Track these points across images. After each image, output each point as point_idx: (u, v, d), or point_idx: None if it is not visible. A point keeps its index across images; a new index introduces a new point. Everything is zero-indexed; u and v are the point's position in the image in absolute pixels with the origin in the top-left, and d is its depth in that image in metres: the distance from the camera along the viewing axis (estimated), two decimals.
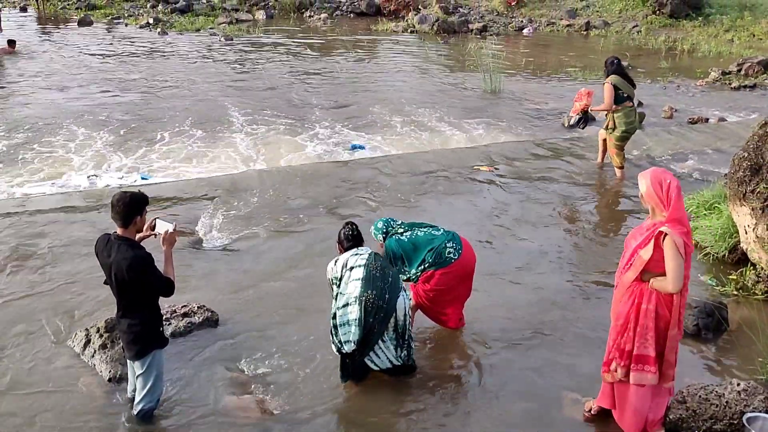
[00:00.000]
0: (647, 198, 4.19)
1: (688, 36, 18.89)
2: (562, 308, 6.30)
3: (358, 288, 4.76)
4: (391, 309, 4.84)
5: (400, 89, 14.26)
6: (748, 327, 5.74)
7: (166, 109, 12.71)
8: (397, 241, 5.40)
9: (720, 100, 13.30)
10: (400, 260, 5.39)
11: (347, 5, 23.21)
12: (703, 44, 17.91)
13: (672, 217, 4.08)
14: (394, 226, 5.52)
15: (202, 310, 6.02)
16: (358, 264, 4.82)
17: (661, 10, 20.67)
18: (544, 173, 9.71)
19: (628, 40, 19.24)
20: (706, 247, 7.14)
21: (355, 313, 4.76)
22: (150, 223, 4.43)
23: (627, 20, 20.83)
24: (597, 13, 21.66)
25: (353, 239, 4.99)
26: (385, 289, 4.81)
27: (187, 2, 22.72)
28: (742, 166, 6.66)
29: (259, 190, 8.95)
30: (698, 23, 20.09)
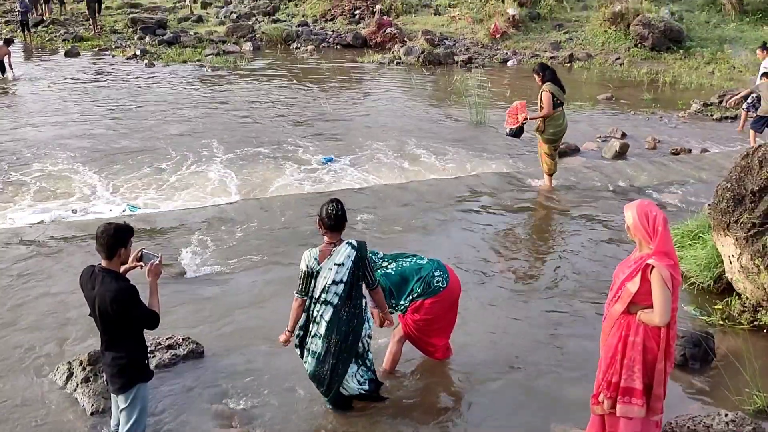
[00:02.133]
0: (634, 230, 4.21)
1: (670, 68, 19.17)
2: (550, 339, 6.29)
3: (323, 328, 4.78)
4: (355, 347, 4.89)
5: (386, 120, 14.34)
6: (734, 357, 5.74)
7: (150, 140, 12.70)
8: (384, 275, 5.32)
9: (702, 131, 13.47)
10: (388, 293, 5.31)
11: (334, 37, 23.40)
12: (685, 76, 18.18)
13: (659, 249, 4.10)
14: (376, 261, 5.44)
15: (187, 342, 5.96)
16: (332, 302, 4.74)
17: (642, 43, 20.98)
18: (528, 204, 9.76)
19: (611, 72, 19.50)
20: (691, 277, 7.16)
21: (317, 346, 4.83)
22: (136, 255, 4.39)
23: (610, 53, 21.13)
24: (580, 46, 21.95)
25: (336, 219, 4.76)
26: (350, 331, 4.83)
27: (174, 34, 22.83)
28: (726, 196, 6.73)
29: (243, 220, 8.93)
30: (679, 56, 20.41)
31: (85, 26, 24.46)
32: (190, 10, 26.94)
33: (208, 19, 26.09)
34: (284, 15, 26.42)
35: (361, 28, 23.88)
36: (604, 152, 12.17)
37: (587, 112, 15.06)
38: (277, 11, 26.74)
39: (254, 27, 24.02)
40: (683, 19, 22.25)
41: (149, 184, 10.64)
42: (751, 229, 6.46)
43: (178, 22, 25.26)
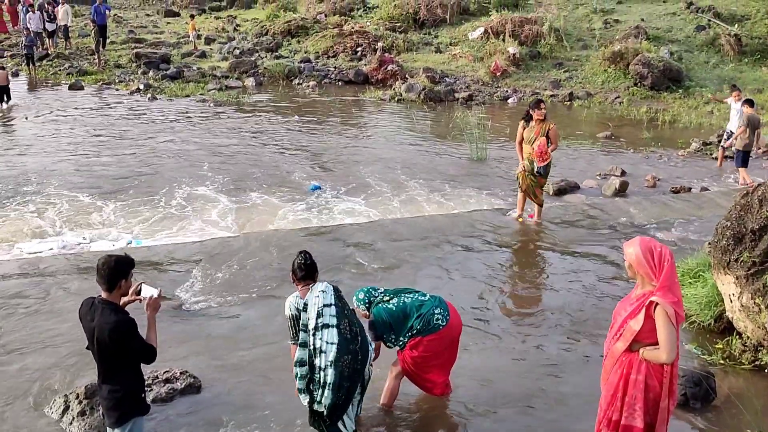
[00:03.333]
0: (636, 266, 4.18)
1: (669, 107, 19.32)
2: (549, 377, 6.25)
3: (333, 352, 4.67)
4: (365, 368, 4.84)
5: (386, 155, 14.40)
6: (736, 397, 5.71)
7: (152, 173, 12.74)
8: (385, 310, 5.32)
9: (702, 170, 13.53)
10: (389, 329, 5.31)
11: (336, 73, 23.59)
12: (684, 115, 18.30)
13: (663, 285, 4.08)
14: (377, 296, 5.45)
15: (185, 376, 5.93)
16: (330, 323, 4.70)
17: (642, 82, 21.16)
18: (528, 240, 9.77)
19: (610, 110, 19.64)
20: (691, 316, 7.14)
21: (330, 376, 4.69)
22: (135, 288, 4.39)
23: (609, 91, 21.30)
24: (580, 84, 22.14)
25: (306, 269, 4.84)
26: (358, 350, 4.77)
27: (177, 69, 23.02)
28: (726, 234, 6.73)
29: (242, 255, 8.92)
30: (678, 95, 20.57)
31: (90, 60, 24.68)
32: (194, 46, 27.19)
33: (212, 54, 26.33)
34: (287, 51, 26.67)
35: (363, 64, 24.10)
36: (603, 189, 12.21)
37: (587, 150, 15.13)
38: (280, 47, 27.00)
39: (257, 63, 24.23)
40: (682, 59, 22.46)
41: (149, 217, 10.65)
42: (751, 267, 6.46)
43: (181, 57, 25.48)
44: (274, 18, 30.19)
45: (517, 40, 23.92)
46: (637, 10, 26.78)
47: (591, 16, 26.66)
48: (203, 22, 33.33)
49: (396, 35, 26.37)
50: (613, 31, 24.76)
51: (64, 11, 25.68)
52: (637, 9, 26.87)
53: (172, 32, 30.91)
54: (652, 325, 4.09)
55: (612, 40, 23.38)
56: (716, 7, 25.40)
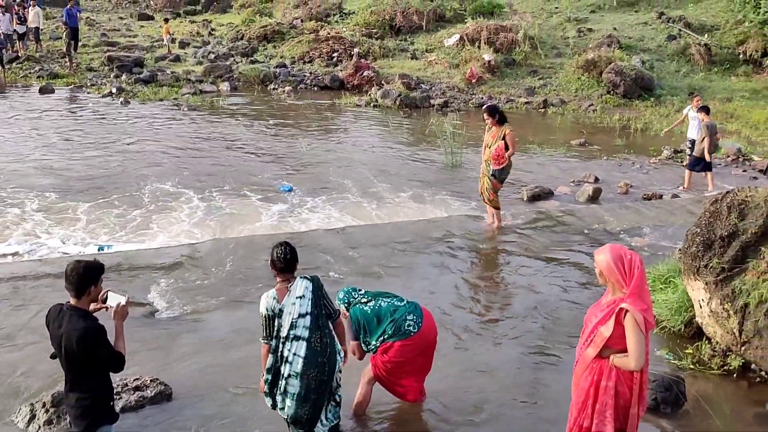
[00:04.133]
0: (607, 274, 4.20)
1: (641, 115, 19.52)
2: (522, 382, 6.27)
3: (300, 365, 4.66)
4: (332, 378, 4.81)
5: (362, 161, 14.39)
6: (705, 401, 5.77)
7: (122, 177, 12.60)
8: (360, 311, 5.34)
9: (673, 177, 13.69)
10: (363, 330, 5.33)
11: (311, 79, 23.54)
12: (656, 123, 18.50)
13: (633, 292, 4.10)
14: (356, 297, 5.46)
15: (155, 384, 5.86)
16: (302, 336, 4.67)
17: (615, 90, 21.39)
18: (502, 246, 9.80)
19: (584, 118, 19.80)
20: (662, 321, 7.21)
21: (295, 387, 4.69)
22: (102, 296, 4.33)
23: (583, 99, 21.49)
24: (554, 92, 22.32)
25: (286, 262, 4.77)
26: (325, 361, 4.75)
27: (151, 73, 22.83)
28: (696, 241, 6.81)
29: (215, 260, 8.85)
30: (650, 103, 20.81)
31: (61, 63, 24.37)
32: (168, 50, 26.99)
33: (186, 58, 26.15)
34: (262, 56, 26.58)
35: (339, 70, 24.07)
36: (577, 196, 12.30)
37: (561, 157, 15.24)
38: (255, 52, 26.91)
39: (232, 67, 24.11)
40: (654, 68, 22.75)
41: (120, 222, 10.53)
42: (720, 273, 6.54)
43: (155, 61, 25.28)
44: (250, 23, 30.09)
45: (492, 47, 24.07)
46: (609, 19, 27.11)
47: (565, 24, 26.94)
48: (178, 25, 33.11)
49: (372, 41, 26.42)
50: (586, 40, 25.03)
51: (34, 13, 25.32)
52: (609, 18, 27.20)
53: (146, 36, 30.66)
54: (622, 332, 4.11)
55: (585, 49, 23.62)
56: (686, 17, 25.80)
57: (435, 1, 27.92)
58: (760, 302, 6.21)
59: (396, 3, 28.14)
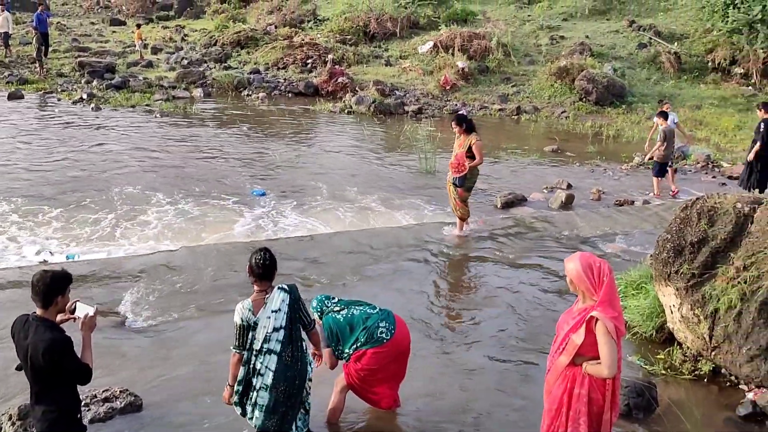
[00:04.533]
0: (577, 282, 4.23)
1: (613, 122, 19.70)
2: (495, 389, 6.28)
3: (270, 378, 4.64)
4: (302, 391, 4.79)
5: (336, 168, 14.36)
6: (676, 406, 5.81)
7: (92, 184, 12.42)
8: (333, 320, 5.34)
9: (644, 183, 13.82)
10: (335, 338, 5.32)
11: (286, 85, 23.46)
12: (627, 130, 18.69)
13: (603, 300, 4.12)
14: (329, 305, 5.45)
15: (125, 395, 5.78)
16: (275, 350, 4.64)
17: (587, 97, 21.59)
18: (475, 253, 9.82)
19: (557, 124, 19.94)
20: (634, 327, 7.27)
21: (264, 399, 4.67)
22: (69, 306, 4.26)
23: (556, 106, 21.65)
24: (527, 99, 22.46)
25: (264, 268, 4.72)
26: (296, 375, 4.73)
27: (123, 79, 22.60)
28: (666, 247, 6.88)
29: (186, 268, 8.77)
30: (622, 111, 21.02)
31: (31, 69, 24.04)
32: (140, 55, 26.76)
33: (159, 64, 25.93)
34: (236, 62, 26.43)
35: (313, 76, 24.03)
36: (550, 202, 12.37)
37: (534, 164, 15.34)
38: (229, 58, 26.76)
39: (205, 73, 23.96)
40: (625, 76, 23.00)
41: (90, 230, 10.37)
42: (690, 279, 6.61)
43: (127, 66, 25.03)
44: (224, 28, 29.94)
45: (466, 54, 24.17)
46: (581, 27, 27.39)
47: (537, 32, 27.16)
48: (150, 31, 32.85)
49: (346, 48, 26.41)
50: (558, 47, 25.24)
51: (3, 18, 24.95)
52: (581, 26, 27.48)
53: (118, 41, 30.38)
54: (593, 339, 4.13)
55: (558, 56, 23.82)
56: (657, 25, 26.14)
57: (409, 8, 28.00)
58: (729, 307, 6.28)
59: (370, 10, 28.18)
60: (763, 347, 6.08)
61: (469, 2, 30.52)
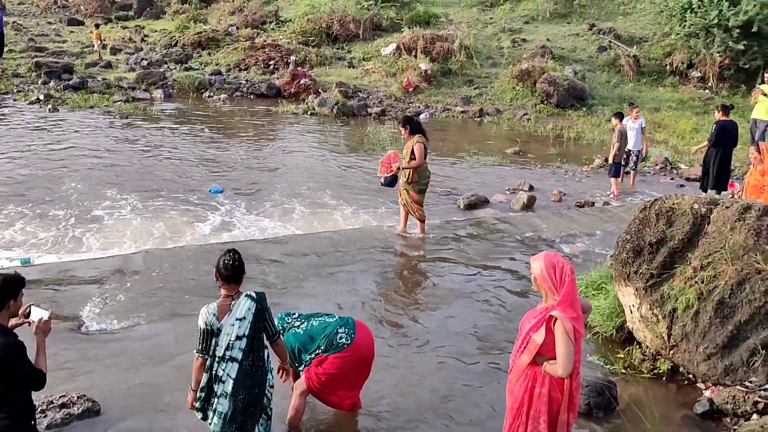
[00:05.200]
0: (540, 281, 4.26)
1: (574, 125, 19.93)
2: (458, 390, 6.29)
3: (230, 385, 4.58)
4: (261, 399, 4.74)
5: (298, 170, 14.29)
6: (636, 405, 5.88)
7: (50, 187, 12.17)
8: (294, 336, 5.36)
9: (604, 185, 13.99)
10: (297, 354, 5.33)
11: (248, 86, 23.27)
12: (588, 132, 18.92)
13: (563, 300, 4.16)
14: (290, 322, 5.47)
15: (82, 400, 5.66)
16: (236, 358, 4.57)
17: (548, 100, 21.80)
18: (438, 254, 9.83)
19: (519, 126, 20.11)
20: (594, 327, 7.34)
21: (223, 407, 4.61)
22: (24, 310, 4.16)
23: (517, 108, 21.82)
24: (490, 101, 22.61)
25: (233, 270, 4.64)
26: (255, 384, 4.67)
27: (81, 79, 22.22)
28: (626, 248, 6.96)
29: (147, 271, 8.63)
30: (582, 113, 21.27)
31: None
32: (99, 56, 26.31)
33: (118, 65, 25.53)
34: (197, 63, 26.15)
35: (276, 78, 23.88)
36: (512, 204, 12.45)
37: (497, 166, 15.43)
38: (190, 59, 26.48)
39: (165, 74, 23.66)
40: (585, 78, 23.28)
41: (47, 233, 10.16)
42: (649, 279, 6.70)
43: (85, 67, 24.59)
44: (184, 29, 29.58)
45: (428, 56, 24.25)
46: (543, 30, 27.67)
47: (500, 35, 27.38)
48: (109, 31, 32.35)
49: (309, 49, 26.30)
50: (520, 50, 25.47)
51: None
52: (543, 29, 27.76)
53: (76, 41, 29.84)
54: (553, 339, 4.16)
55: (520, 59, 24.02)
56: (616, 29, 26.53)
57: (372, 10, 27.99)
58: (687, 307, 6.38)
59: (333, 11, 28.10)
60: (719, 346, 6.18)
61: (432, 5, 30.66)
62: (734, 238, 6.47)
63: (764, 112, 15.62)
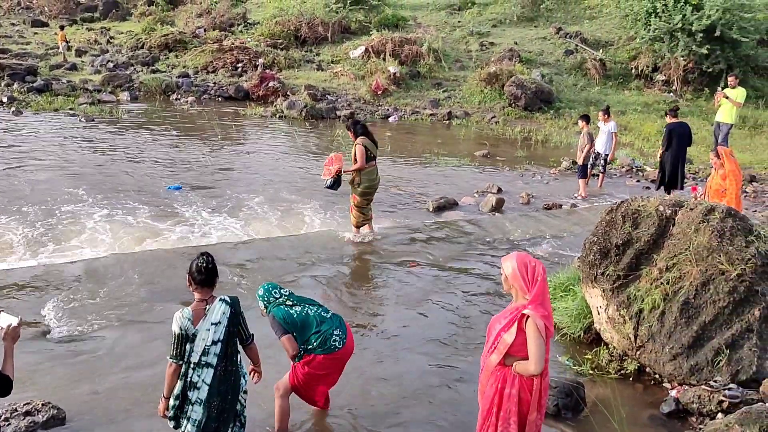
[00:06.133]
0: (512, 280, 4.29)
1: (542, 127, 20.12)
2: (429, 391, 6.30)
3: (205, 392, 4.53)
4: (234, 405, 4.69)
5: (267, 173, 14.21)
6: (603, 406, 5.94)
7: (13, 191, 11.97)
8: (286, 313, 5.27)
9: (571, 187, 14.12)
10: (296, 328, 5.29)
11: (215, 89, 23.13)
12: (555, 135, 19.10)
13: (534, 299, 4.20)
14: (278, 296, 5.37)
15: (47, 408, 5.57)
16: (211, 363, 4.51)
17: (516, 103, 21.98)
18: (406, 256, 9.83)
19: (487, 129, 20.23)
20: (563, 328, 7.39)
21: (197, 414, 4.54)
22: None
23: (486, 111, 21.96)
24: (458, 104, 22.72)
25: (206, 273, 4.58)
26: (228, 390, 4.63)
27: (45, 81, 21.91)
28: (593, 249, 7.02)
29: (113, 277, 8.52)
30: (550, 116, 21.47)
31: None
32: (64, 58, 25.98)
33: (83, 67, 25.22)
34: (164, 66, 25.94)
35: (244, 81, 23.76)
36: (481, 206, 12.52)
37: (465, 168, 15.50)
38: (157, 62, 26.25)
39: (132, 77, 23.43)
40: (553, 82, 23.51)
41: (11, 237, 9.98)
42: (616, 281, 6.77)
43: (50, 69, 24.25)
44: (151, 31, 29.28)
45: (397, 59, 24.31)
46: (510, 33, 27.89)
47: (468, 38, 27.53)
48: (74, 33, 31.91)
49: (277, 52, 26.20)
50: (488, 53, 25.64)
51: None
52: (510, 33, 27.99)
53: (40, 43, 29.41)
54: (524, 339, 4.20)
55: (488, 62, 24.19)
56: (583, 33, 26.85)
57: (340, 13, 27.97)
58: (653, 308, 6.46)
59: (301, 14, 28.04)
60: (684, 346, 6.27)
61: (401, 8, 30.75)
62: (698, 240, 6.57)
63: (727, 115, 15.91)
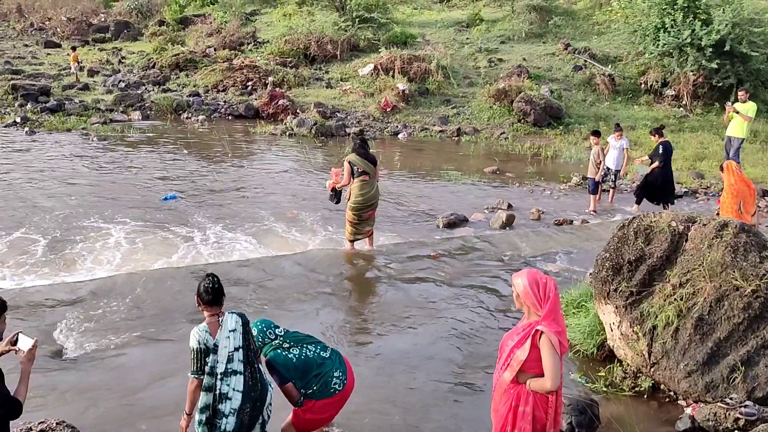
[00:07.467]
0: (524, 297, 4.28)
1: (551, 143, 20.09)
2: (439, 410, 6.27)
3: (238, 400, 4.53)
4: (262, 412, 4.71)
5: (277, 190, 14.26)
6: (618, 423, 5.90)
7: (27, 210, 12.06)
8: (285, 359, 5.11)
9: (582, 203, 14.09)
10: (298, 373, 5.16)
11: (226, 108, 23.27)
12: (565, 151, 19.07)
13: (547, 315, 4.18)
14: (275, 336, 5.19)
15: (62, 427, 5.57)
16: (239, 370, 4.55)
17: (525, 119, 21.98)
18: (417, 273, 9.83)
19: (496, 146, 20.24)
20: (575, 345, 7.36)
21: (230, 425, 4.54)
22: (11, 338, 4.10)
23: (495, 127, 21.97)
24: (467, 120, 22.75)
25: (213, 293, 4.69)
26: (257, 397, 4.65)
27: (58, 102, 22.12)
28: (605, 266, 7.00)
29: (126, 295, 8.55)
30: (559, 132, 21.45)
31: None
32: (76, 78, 26.25)
33: (95, 87, 25.45)
34: (175, 85, 26.15)
35: (254, 99, 23.89)
36: (491, 223, 12.50)
37: (475, 184, 15.50)
38: (168, 81, 26.47)
39: (143, 96, 23.63)
40: (562, 97, 23.51)
41: (24, 257, 10.04)
42: (629, 297, 6.74)
43: (62, 89, 24.49)
44: (162, 51, 29.56)
45: (406, 76, 24.38)
46: (519, 50, 27.94)
47: (476, 55, 27.60)
48: (86, 53, 32.27)
49: (287, 70, 26.34)
50: (497, 70, 25.68)
51: None
52: (519, 49, 28.04)
53: (53, 64, 29.72)
54: (538, 354, 4.18)
55: (496, 78, 24.22)
56: (591, 48, 26.85)
57: (349, 31, 28.14)
58: (667, 324, 6.43)
59: (310, 32, 28.22)
60: (699, 363, 6.23)
61: (409, 25, 30.88)
62: (712, 256, 6.54)
63: (738, 129, 15.88)
